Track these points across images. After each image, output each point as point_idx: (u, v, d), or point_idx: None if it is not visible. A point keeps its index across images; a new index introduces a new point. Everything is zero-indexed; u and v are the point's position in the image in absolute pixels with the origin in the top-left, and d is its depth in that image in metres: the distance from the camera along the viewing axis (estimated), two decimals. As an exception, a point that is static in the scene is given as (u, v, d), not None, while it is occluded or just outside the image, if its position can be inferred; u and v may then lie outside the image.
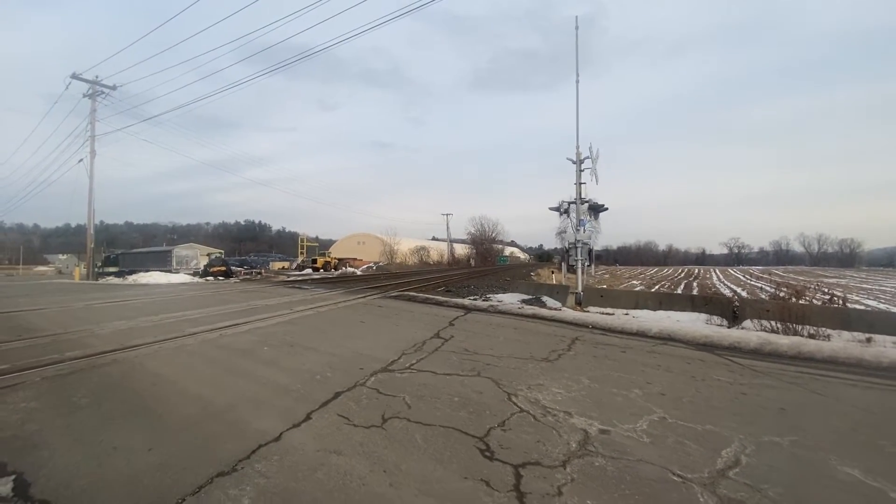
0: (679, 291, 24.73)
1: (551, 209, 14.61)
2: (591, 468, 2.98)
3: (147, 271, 28.76)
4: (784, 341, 6.83)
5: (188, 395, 4.56)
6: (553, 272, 28.92)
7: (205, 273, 29.94)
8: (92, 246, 30.16)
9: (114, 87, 29.40)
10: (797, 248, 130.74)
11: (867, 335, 7.69)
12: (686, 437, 3.47)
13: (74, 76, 28.08)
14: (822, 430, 3.68)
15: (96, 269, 30.98)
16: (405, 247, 72.33)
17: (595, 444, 3.36)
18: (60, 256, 69.19)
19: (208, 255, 41.04)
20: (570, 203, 13.74)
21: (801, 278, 36.04)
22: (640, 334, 7.82)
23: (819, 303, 9.45)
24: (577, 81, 13.85)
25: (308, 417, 3.86)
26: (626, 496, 2.64)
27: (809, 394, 4.67)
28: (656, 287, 28.18)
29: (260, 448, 3.24)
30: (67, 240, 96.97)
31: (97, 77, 28.97)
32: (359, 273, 41.52)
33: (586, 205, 13.38)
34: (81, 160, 29.23)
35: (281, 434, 3.49)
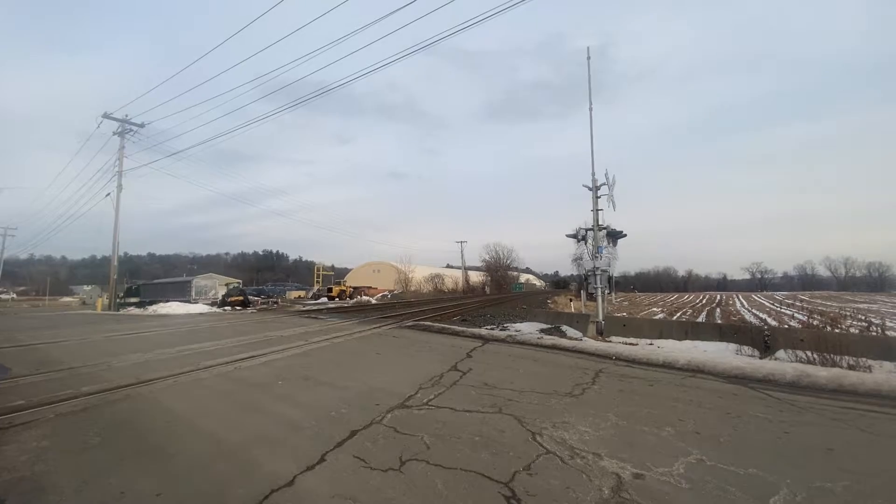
0: (702, 319, 23.97)
1: (568, 236, 14.42)
2: (628, 519, 2.73)
3: (167, 301, 29.18)
4: (822, 373, 6.44)
5: (200, 432, 4.44)
6: (571, 299, 28.39)
7: (223, 303, 30.22)
8: (115, 277, 30.87)
9: (142, 125, 30.71)
10: (823, 272, 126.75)
11: (913, 366, 7.22)
12: (728, 483, 3.19)
13: (105, 115, 29.46)
14: (877, 473, 3.36)
15: (118, 300, 31.57)
16: (420, 274, 72.26)
17: (629, 490, 3.10)
18: (85, 287, 71.09)
19: (227, 284, 41.54)
20: (587, 230, 13.55)
21: (830, 303, 34.74)
22: (667, 366, 7.48)
23: (856, 331, 8.98)
24: (591, 109, 13.88)
25: (322, 459, 3.69)
26: (669, 554, 2.40)
27: (858, 432, 4.33)
28: (678, 315, 27.38)
29: (272, 494, 3.08)
30: (93, 271, 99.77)
31: (126, 116, 30.36)
32: (374, 301, 41.50)
33: (604, 231, 13.18)
34: (108, 194, 30.36)
35: (294, 478, 3.32)
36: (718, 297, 64.83)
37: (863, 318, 11.46)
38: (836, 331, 8.74)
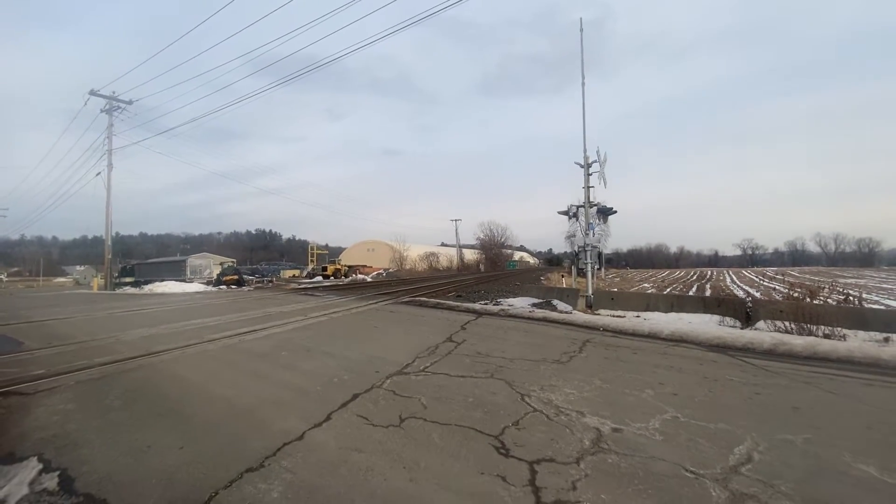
0: (691, 293, 24.48)
1: (560, 213, 14.68)
2: (605, 464, 3.06)
3: (162, 281, 29.26)
4: (798, 342, 6.83)
5: (213, 396, 4.74)
6: (563, 276, 28.81)
7: (218, 282, 30.33)
8: (109, 257, 30.88)
9: (130, 102, 30.15)
10: (813, 248, 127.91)
11: (885, 335, 7.61)
12: (698, 436, 3.54)
13: (92, 92, 28.86)
14: (837, 428, 3.72)
15: (113, 280, 31.64)
16: (415, 253, 72.43)
17: (608, 441, 3.44)
18: (78, 268, 70.73)
19: (221, 264, 41.56)
20: (578, 207, 13.82)
21: (817, 279, 35.42)
22: (652, 336, 7.85)
23: (834, 302, 9.38)
24: (583, 84, 13.96)
25: (328, 418, 4.01)
26: (639, 490, 2.72)
27: (824, 393, 4.69)
28: (668, 290, 27.92)
29: (285, 446, 3.39)
30: (85, 251, 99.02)
31: (114, 93, 29.78)
32: (369, 280, 41.76)
33: (595, 208, 13.45)
34: (99, 173, 30.01)
35: (304, 433, 3.64)
36: (709, 272, 65.61)
37: (841, 290, 11.88)
38: (815, 302, 9.12)
